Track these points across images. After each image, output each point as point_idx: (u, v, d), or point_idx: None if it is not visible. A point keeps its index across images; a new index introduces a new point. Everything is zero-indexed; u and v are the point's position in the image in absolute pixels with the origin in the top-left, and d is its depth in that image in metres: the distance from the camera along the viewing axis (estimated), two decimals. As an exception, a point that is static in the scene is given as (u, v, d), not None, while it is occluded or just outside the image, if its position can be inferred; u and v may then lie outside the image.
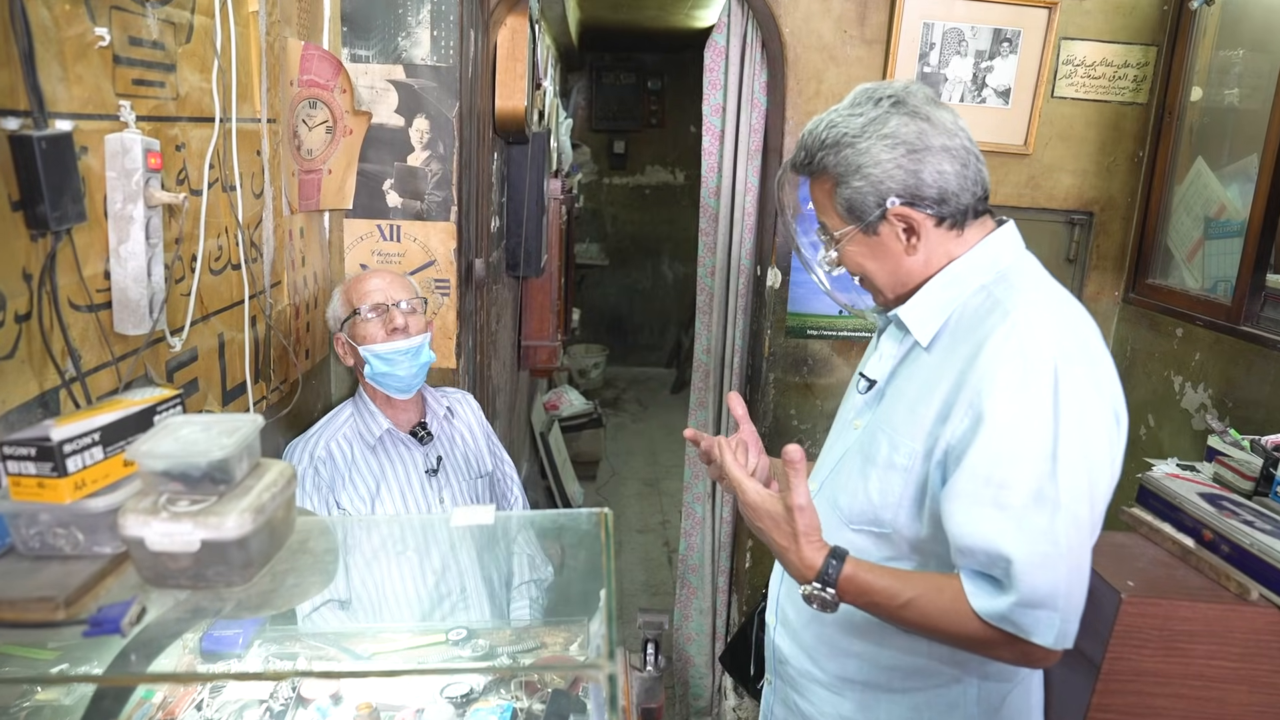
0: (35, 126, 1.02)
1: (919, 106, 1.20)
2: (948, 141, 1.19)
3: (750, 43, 2.82)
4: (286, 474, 1.00)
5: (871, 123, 1.19)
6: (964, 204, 1.20)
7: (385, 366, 1.91)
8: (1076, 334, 1.15)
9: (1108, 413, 1.13)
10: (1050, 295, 1.20)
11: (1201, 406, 2.41)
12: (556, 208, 3.89)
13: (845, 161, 1.21)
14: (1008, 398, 1.10)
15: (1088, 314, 1.21)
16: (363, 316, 1.92)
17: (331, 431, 1.98)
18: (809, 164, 1.27)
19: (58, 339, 1.11)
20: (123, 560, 0.94)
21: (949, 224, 1.22)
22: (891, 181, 1.19)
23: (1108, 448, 1.13)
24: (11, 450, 0.87)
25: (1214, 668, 1.42)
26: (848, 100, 1.26)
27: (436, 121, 2.23)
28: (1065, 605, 1.08)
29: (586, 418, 5.68)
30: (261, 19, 1.68)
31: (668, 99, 7.87)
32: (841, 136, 1.21)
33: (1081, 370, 1.11)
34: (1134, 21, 2.68)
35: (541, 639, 1.65)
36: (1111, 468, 1.14)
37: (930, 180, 1.18)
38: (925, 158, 1.18)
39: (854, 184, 1.20)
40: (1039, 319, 1.13)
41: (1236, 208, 2.43)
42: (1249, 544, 1.43)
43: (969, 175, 1.20)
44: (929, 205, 1.20)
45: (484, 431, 2.17)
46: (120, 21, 1.21)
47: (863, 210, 1.21)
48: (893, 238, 1.23)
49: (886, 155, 1.18)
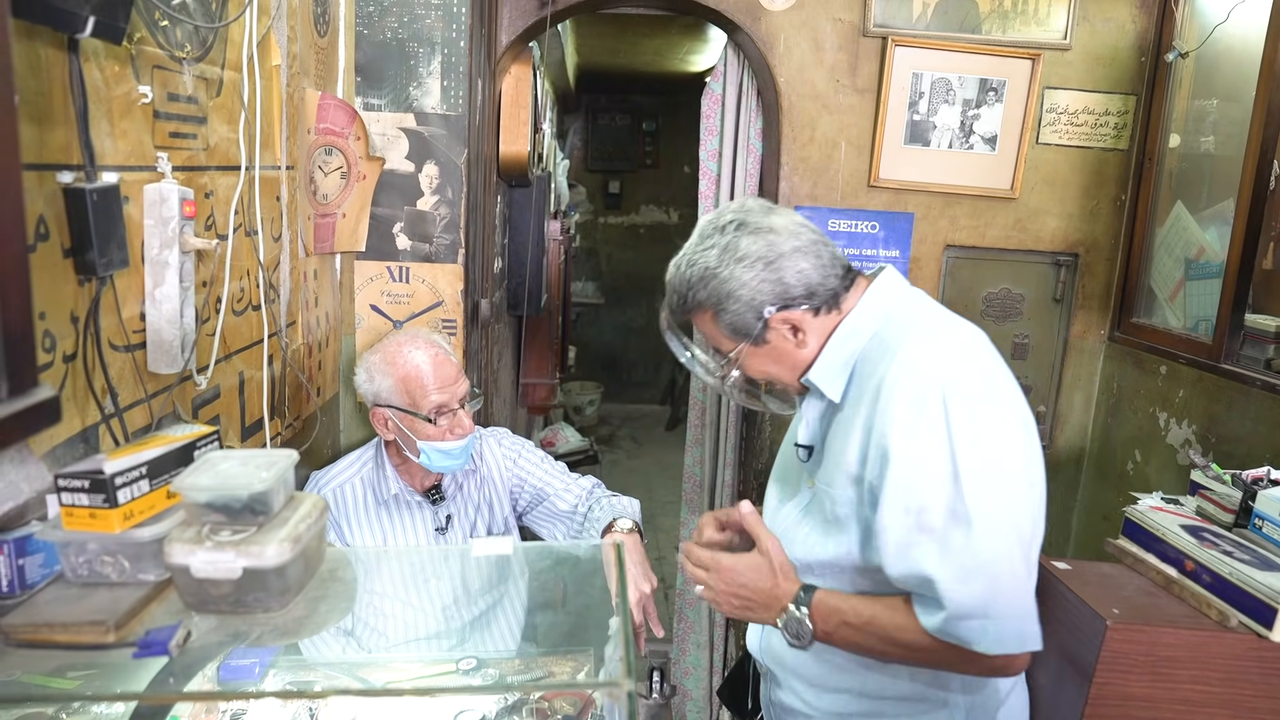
0: (87, 179, 1.09)
1: (759, 221, 1.30)
2: (795, 243, 1.29)
3: (746, 90, 2.93)
4: (319, 506, 1.06)
5: (724, 250, 1.30)
6: (831, 287, 1.30)
7: (443, 460, 1.87)
8: (961, 355, 1.22)
9: (1009, 420, 1.19)
10: (933, 325, 1.29)
11: (1186, 442, 2.48)
12: (556, 248, 3.98)
13: (715, 292, 1.30)
14: (906, 431, 1.18)
15: (978, 332, 1.29)
16: (425, 419, 1.84)
17: (349, 474, 1.98)
18: (685, 305, 1.36)
19: (99, 377, 1.17)
20: (166, 587, 0.99)
21: (826, 308, 1.31)
22: (761, 295, 1.28)
23: (1018, 453, 1.18)
24: (66, 482, 0.93)
25: (1198, 692, 1.48)
26: (696, 236, 1.35)
27: (445, 167, 2.31)
28: (999, 611, 1.14)
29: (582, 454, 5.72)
30: (283, 72, 1.77)
31: (662, 140, 8.01)
32: (705, 272, 1.31)
33: (970, 387, 1.18)
34: (1114, 72, 2.79)
35: (549, 668, 1.70)
36: (1027, 471, 1.19)
37: (794, 281, 1.28)
38: (782, 264, 1.28)
39: (731, 308, 1.30)
40: (922, 351, 1.21)
41: (1215, 250, 2.52)
42: (1228, 573, 1.50)
43: (824, 262, 1.30)
44: (801, 302, 1.29)
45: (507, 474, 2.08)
46: (161, 79, 1.29)
47: (746, 327, 1.31)
48: (781, 339, 1.32)
49: (749, 275, 1.28)
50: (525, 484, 2.07)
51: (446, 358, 1.91)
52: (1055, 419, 3.01)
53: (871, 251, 2.86)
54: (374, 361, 1.91)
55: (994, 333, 2.88)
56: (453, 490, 2.02)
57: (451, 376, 1.88)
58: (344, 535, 1.96)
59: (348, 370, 2.36)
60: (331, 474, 1.99)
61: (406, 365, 1.86)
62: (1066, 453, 3.03)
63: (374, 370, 1.90)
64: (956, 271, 2.91)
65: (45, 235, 1.04)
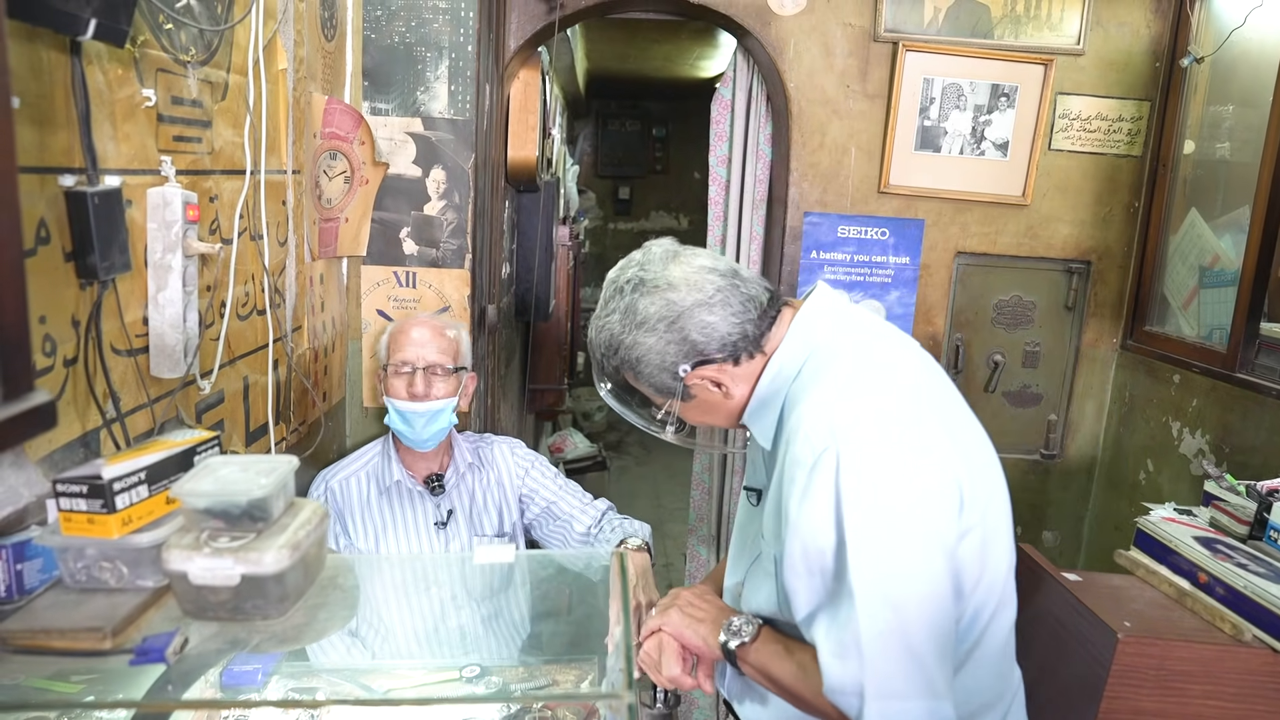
0: (89, 183, 1.09)
1: (657, 276, 1.22)
2: (696, 296, 1.20)
3: (755, 96, 2.92)
4: (319, 513, 1.05)
5: (625, 315, 1.23)
6: (746, 334, 1.22)
7: (400, 423, 1.95)
8: (865, 412, 1.11)
9: (908, 487, 1.08)
10: (850, 364, 1.18)
11: (1199, 452, 2.45)
12: (564, 254, 3.97)
13: (625, 360, 1.25)
14: (798, 498, 1.10)
15: (901, 367, 1.20)
16: (391, 369, 1.97)
17: (355, 468, 2.04)
18: (604, 369, 1.31)
19: (100, 382, 1.16)
20: (164, 593, 0.98)
21: (746, 354, 1.23)
22: (669, 356, 1.21)
23: (917, 523, 1.07)
24: (65, 487, 0.93)
25: (1210, 708, 1.45)
26: (602, 297, 1.29)
27: (452, 172, 2.31)
28: (874, 691, 1.05)
29: (591, 460, 5.72)
30: (290, 76, 1.76)
31: (672, 146, 8.01)
32: (611, 339, 1.25)
33: (866, 451, 1.07)
34: (1128, 77, 2.77)
35: (553, 677, 1.68)
36: (929, 540, 1.08)
37: (700, 338, 1.20)
38: (684, 323, 1.20)
39: (644, 372, 1.24)
40: (821, 409, 1.12)
41: (1230, 258, 2.49)
42: (1243, 586, 1.47)
43: (733, 310, 1.21)
44: (716, 355, 1.22)
45: (517, 482, 2.10)
46: (165, 83, 1.28)
47: (667, 388, 1.25)
48: (706, 392, 1.25)
49: (651, 339, 1.21)
50: (536, 496, 2.09)
51: (434, 327, 2.02)
52: (1066, 428, 2.98)
53: (881, 258, 2.84)
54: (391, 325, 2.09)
55: (1004, 340, 2.90)
56: (454, 482, 2.04)
57: (424, 340, 1.98)
58: (347, 527, 1.99)
59: (355, 375, 2.36)
60: (337, 468, 2.04)
61: (398, 325, 2.04)
62: (1078, 462, 3.00)
63: (385, 330, 2.08)
64: (967, 279, 2.89)
65: (46, 239, 1.03)
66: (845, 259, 2.84)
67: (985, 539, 1.14)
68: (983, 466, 1.19)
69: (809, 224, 2.82)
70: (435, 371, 1.96)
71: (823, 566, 1.10)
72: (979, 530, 1.13)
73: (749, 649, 1.24)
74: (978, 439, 1.23)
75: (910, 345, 1.30)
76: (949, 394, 1.25)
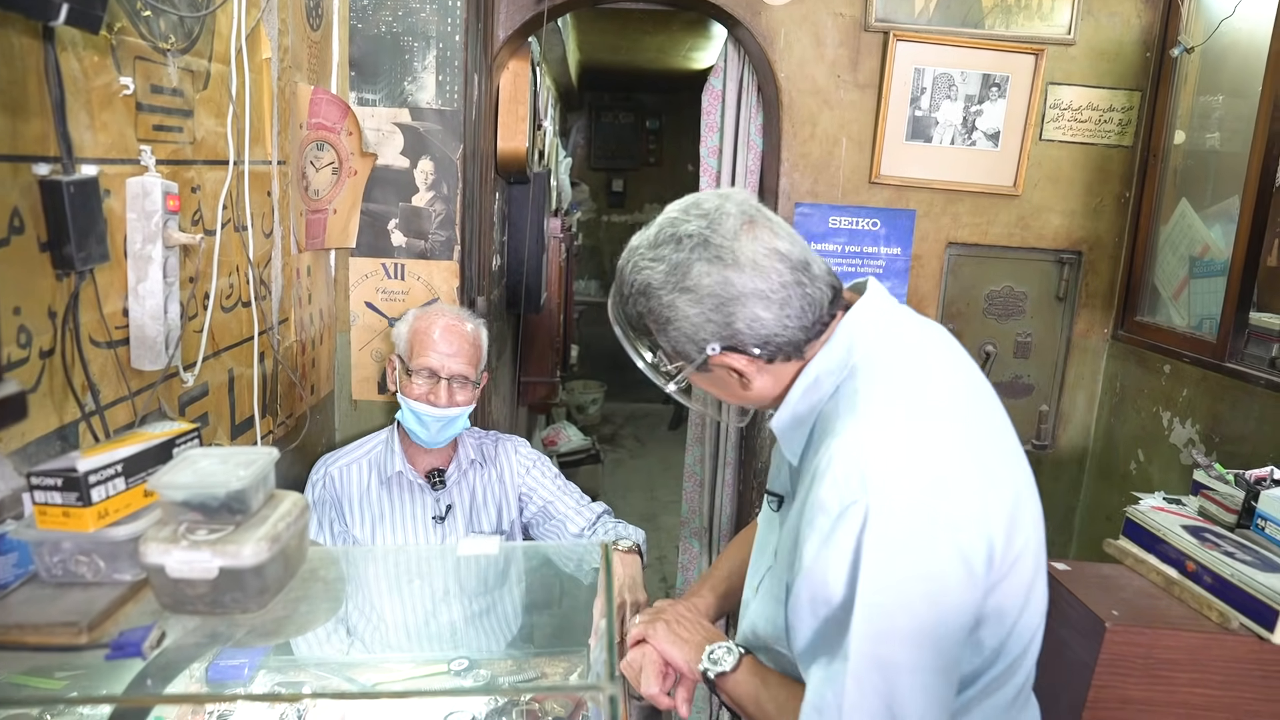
0: (64, 172, 1.07)
1: (725, 244, 1.08)
2: (759, 284, 1.07)
3: (746, 87, 2.90)
4: (300, 505, 1.04)
5: (672, 271, 1.09)
6: (792, 340, 1.10)
7: (414, 423, 1.93)
8: (902, 466, 1.00)
9: (930, 568, 0.99)
10: (883, 402, 1.06)
11: (1189, 441, 2.45)
12: (556, 246, 3.95)
13: (654, 313, 1.12)
14: (816, 544, 1.02)
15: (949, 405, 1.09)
16: (414, 372, 1.92)
17: (358, 455, 2.03)
18: (624, 307, 1.18)
19: (79, 374, 1.15)
20: (142, 587, 0.97)
21: (782, 356, 1.12)
22: (703, 332, 1.10)
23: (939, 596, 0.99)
24: (39, 480, 0.91)
25: (1197, 695, 1.45)
26: (653, 232, 1.14)
27: (440, 163, 2.29)
28: None
29: (585, 453, 5.71)
30: (274, 65, 1.75)
31: (665, 138, 7.99)
32: (645, 286, 1.12)
33: (899, 517, 0.98)
34: (1118, 67, 2.76)
35: (542, 669, 1.68)
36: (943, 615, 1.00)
37: (744, 329, 1.08)
38: (735, 309, 1.08)
39: (670, 334, 1.12)
40: (854, 452, 1.01)
41: (1220, 248, 2.49)
42: (1230, 575, 1.47)
43: (791, 312, 1.09)
44: (752, 349, 1.10)
45: (518, 480, 2.09)
46: (143, 71, 1.27)
47: (687, 355, 1.13)
48: (725, 375, 1.15)
49: (693, 310, 1.09)
50: (534, 494, 2.09)
51: (463, 334, 1.96)
52: (1058, 418, 2.98)
53: (873, 249, 2.84)
54: (411, 313, 2.02)
55: (996, 331, 2.90)
56: (456, 478, 2.03)
57: (456, 349, 1.94)
58: (344, 515, 1.98)
59: (343, 368, 2.34)
60: (339, 455, 2.04)
61: (424, 321, 1.97)
62: (1069, 452, 3.00)
63: (406, 318, 2.01)
64: (958, 269, 2.89)
65: (20, 228, 1.02)
66: (837, 249, 2.83)
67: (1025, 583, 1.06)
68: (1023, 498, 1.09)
69: (800, 215, 2.81)
70: (458, 381, 1.94)
71: (827, 617, 1.02)
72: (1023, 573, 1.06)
73: (727, 679, 1.22)
74: (1018, 463, 1.12)
75: (955, 354, 1.20)
76: (993, 416, 1.15)
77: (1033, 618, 1.11)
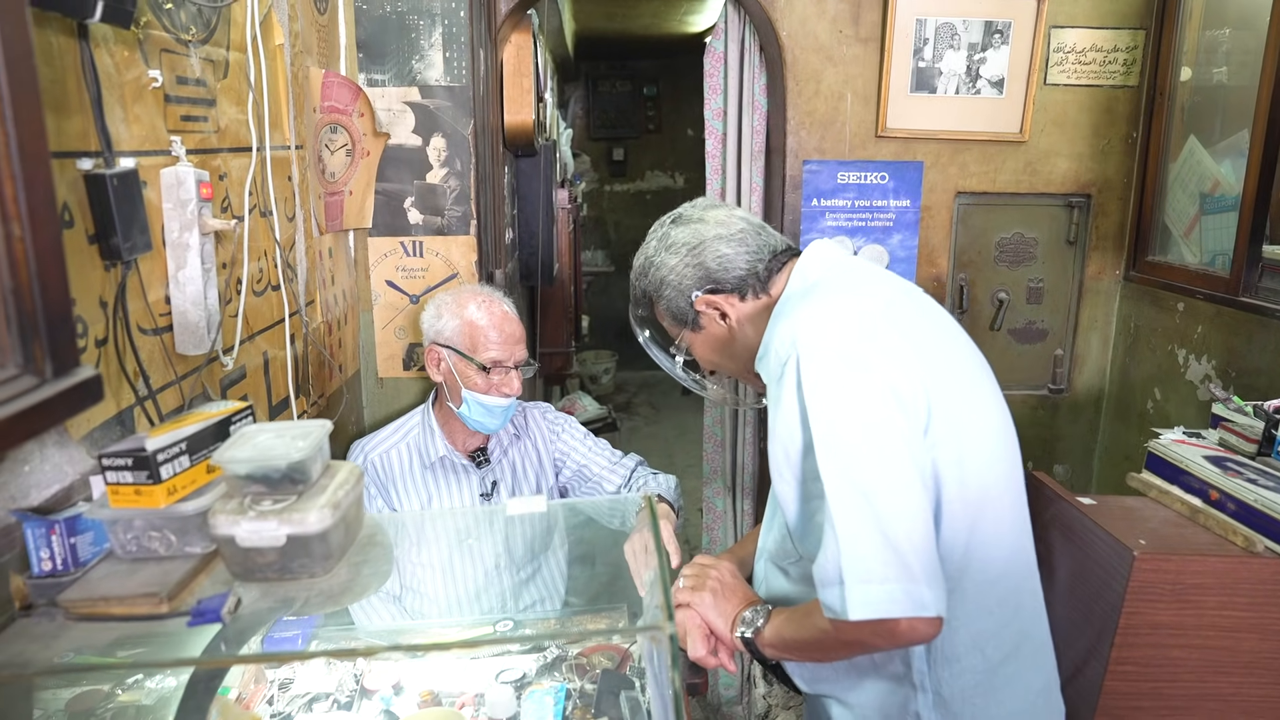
0: (106, 165, 1.11)
1: (693, 214, 1.43)
2: (721, 231, 1.39)
3: (748, 47, 2.90)
4: (355, 473, 1.08)
5: (659, 241, 1.44)
6: (757, 270, 1.38)
7: (481, 415, 1.92)
8: (825, 318, 1.20)
9: (864, 390, 1.13)
10: (824, 293, 1.27)
11: (1205, 377, 2.48)
12: (565, 217, 3.97)
13: (653, 280, 1.43)
14: (773, 408, 1.22)
15: (877, 292, 1.28)
16: (479, 367, 1.90)
17: (395, 439, 2.03)
18: (638, 298, 1.49)
19: (130, 361, 1.19)
20: (212, 558, 1.02)
21: (752, 292, 1.38)
22: (687, 280, 1.39)
23: (871, 419, 1.12)
24: (110, 461, 0.96)
25: (1225, 618, 1.49)
26: (648, 237, 1.48)
27: (452, 139, 2.32)
28: (850, 575, 1.08)
29: (601, 422, 5.74)
30: (286, 51, 1.77)
31: (664, 104, 7.96)
32: (645, 262, 1.46)
33: (825, 352, 1.16)
34: (1121, 6, 2.75)
35: (585, 626, 1.73)
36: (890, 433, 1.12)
37: (714, 265, 1.37)
38: (703, 250, 1.38)
39: (666, 294, 1.42)
40: (790, 323, 1.22)
41: (1230, 183, 2.50)
42: (1253, 500, 1.51)
43: (750, 247, 1.38)
44: (726, 286, 1.38)
45: (550, 447, 2.12)
46: (169, 63, 1.30)
47: (681, 312, 1.42)
48: (713, 324, 1.41)
49: (675, 260, 1.40)
50: (568, 459, 2.11)
51: (515, 319, 1.98)
52: (1073, 361, 3.01)
53: (882, 202, 2.85)
54: (445, 300, 1.98)
55: (1008, 278, 2.92)
56: (498, 455, 2.05)
57: (515, 336, 1.96)
58: (391, 501, 2.00)
59: (368, 347, 2.38)
60: (376, 440, 2.04)
61: (477, 312, 1.94)
62: (1085, 395, 3.03)
63: (444, 308, 1.97)
64: (968, 218, 2.90)
65: (70, 222, 1.06)
66: (846, 205, 2.85)
67: (962, 455, 1.18)
68: (962, 384, 1.24)
69: (808, 172, 2.82)
70: (522, 366, 1.97)
71: (802, 470, 1.19)
72: (953, 445, 1.17)
73: (762, 634, 1.30)
74: (960, 361, 1.28)
75: (901, 282, 1.37)
76: (932, 318, 1.31)
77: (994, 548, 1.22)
